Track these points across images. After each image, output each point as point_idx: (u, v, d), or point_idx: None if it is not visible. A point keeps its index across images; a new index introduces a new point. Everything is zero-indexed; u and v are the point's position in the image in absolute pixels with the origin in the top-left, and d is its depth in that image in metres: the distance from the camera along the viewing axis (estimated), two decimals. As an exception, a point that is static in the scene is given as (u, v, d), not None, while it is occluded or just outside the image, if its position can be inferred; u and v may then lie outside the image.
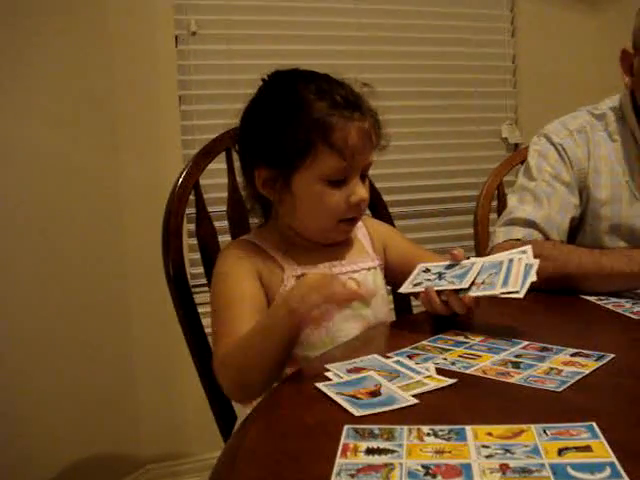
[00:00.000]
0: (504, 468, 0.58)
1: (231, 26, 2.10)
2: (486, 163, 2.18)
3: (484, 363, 0.86)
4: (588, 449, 0.60)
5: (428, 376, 0.81)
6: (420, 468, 0.58)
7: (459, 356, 0.89)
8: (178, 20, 2.04)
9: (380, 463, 0.60)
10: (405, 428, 0.66)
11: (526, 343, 0.93)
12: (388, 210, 1.44)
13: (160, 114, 1.99)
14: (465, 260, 1.05)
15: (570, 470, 0.57)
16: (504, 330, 0.99)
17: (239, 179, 1.24)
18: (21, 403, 1.70)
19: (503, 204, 1.58)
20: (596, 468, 0.57)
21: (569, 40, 2.47)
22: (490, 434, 0.64)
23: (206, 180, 1.30)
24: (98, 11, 1.88)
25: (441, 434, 0.65)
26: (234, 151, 1.17)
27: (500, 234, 1.34)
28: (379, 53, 2.26)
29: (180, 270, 1.22)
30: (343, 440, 0.64)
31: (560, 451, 0.60)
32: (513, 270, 1.00)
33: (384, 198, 1.45)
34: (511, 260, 1.02)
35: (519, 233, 1.32)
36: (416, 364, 0.85)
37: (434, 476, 0.57)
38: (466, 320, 1.02)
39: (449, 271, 1.05)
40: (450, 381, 0.79)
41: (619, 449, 0.60)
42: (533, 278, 0.98)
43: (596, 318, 1.10)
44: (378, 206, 1.41)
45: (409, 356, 0.89)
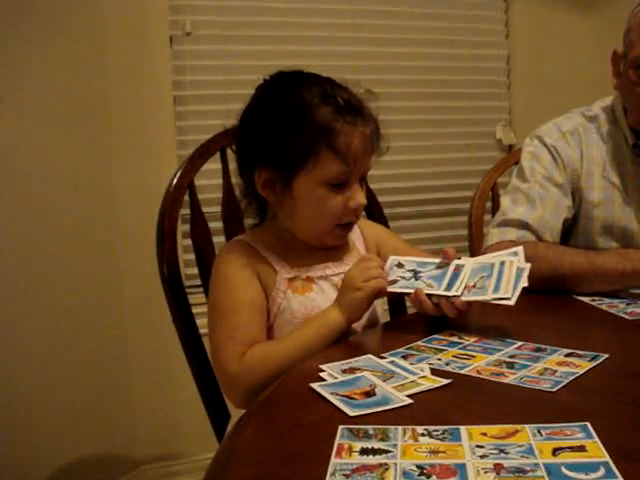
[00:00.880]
0: (498, 468, 0.58)
1: (226, 27, 2.10)
2: (480, 164, 2.19)
3: (478, 363, 0.86)
4: (582, 449, 0.60)
5: (423, 376, 0.81)
6: (415, 468, 0.58)
7: (453, 356, 0.89)
8: (173, 20, 2.03)
9: (375, 463, 0.60)
10: (400, 428, 0.66)
11: (520, 343, 0.94)
12: (382, 211, 1.44)
13: (155, 115, 1.99)
14: (456, 260, 1.05)
15: (564, 470, 0.57)
16: (498, 330, 0.99)
17: (234, 180, 1.24)
18: (15, 404, 1.70)
19: (497, 205, 1.58)
20: (590, 468, 0.57)
21: (563, 42, 2.47)
22: (484, 434, 0.64)
23: (201, 181, 1.30)
24: (93, 12, 1.87)
25: (435, 434, 0.65)
26: (231, 151, 1.17)
27: (494, 235, 1.34)
28: (373, 54, 2.27)
29: (174, 271, 1.21)
30: (338, 440, 0.64)
31: (554, 451, 0.60)
32: (504, 274, 1.00)
33: (378, 199, 1.45)
34: (502, 263, 1.02)
35: (513, 234, 1.32)
36: (410, 364, 0.85)
37: (429, 476, 0.57)
38: (460, 321, 1.02)
39: (425, 269, 1.05)
40: (444, 381, 0.79)
41: (613, 449, 0.60)
42: (524, 284, 0.98)
43: (590, 318, 1.11)
44: (372, 207, 1.41)
45: (404, 356, 0.89)
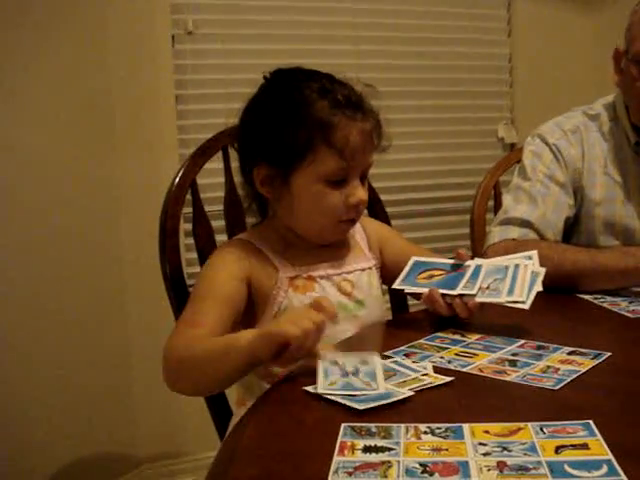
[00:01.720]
0: (501, 466, 0.58)
1: (228, 25, 2.10)
2: (482, 163, 2.18)
3: (481, 361, 0.86)
4: (585, 447, 0.60)
5: (425, 374, 0.81)
6: (417, 466, 0.58)
7: (456, 354, 0.89)
8: (175, 19, 2.03)
9: (377, 461, 0.60)
10: (402, 426, 0.66)
11: (523, 341, 0.94)
12: (385, 209, 1.44)
13: (157, 113, 1.99)
14: (469, 261, 1.05)
15: (567, 468, 0.57)
16: (501, 328, 0.99)
17: (236, 178, 1.24)
18: (16, 403, 1.70)
19: (500, 203, 1.57)
20: (593, 466, 0.57)
21: (565, 40, 2.47)
22: (487, 432, 0.64)
23: (203, 179, 1.30)
24: (95, 11, 1.87)
25: (438, 432, 0.65)
26: (233, 149, 1.16)
27: (496, 234, 1.34)
28: (375, 53, 2.26)
29: (177, 269, 1.21)
30: (340, 438, 0.64)
31: (557, 449, 0.60)
32: (519, 277, 0.99)
33: (380, 197, 1.44)
34: (517, 266, 1.01)
35: (515, 233, 1.32)
36: (413, 362, 0.85)
37: (431, 474, 0.57)
38: (463, 319, 1.02)
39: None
40: (447, 379, 0.79)
41: (616, 447, 0.60)
42: (539, 288, 0.97)
43: (592, 317, 1.11)
44: (375, 205, 1.41)
45: (406, 354, 0.89)
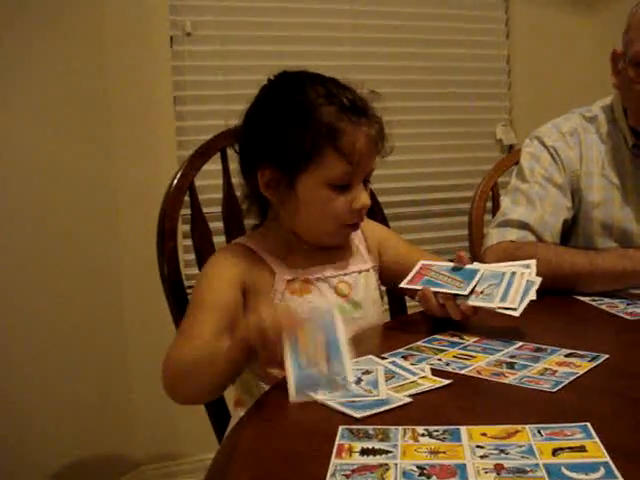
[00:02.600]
0: (499, 468, 0.58)
1: (226, 27, 2.10)
2: (481, 164, 2.18)
3: (479, 364, 0.86)
4: (582, 449, 0.61)
5: (423, 377, 0.81)
6: (415, 468, 0.59)
7: (454, 357, 0.89)
8: (173, 21, 2.03)
9: (375, 463, 0.60)
10: (400, 428, 0.66)
11: (520, 344, 0.94)
12: (383, 211, 1.44)
13: (155, 115, 1.99)
14: (469, 265, 1.05)
15: (565, 470, 0.57)
16: (498, 331, 0.99)
17: (234, 180, 1.24)
18: (15, 404, 1.70)
19: (498, 205, 1.58)
20: (590, 468, 0.57)
21: (563, 42, 2.47)
22: (485, 434, 0.64)
23: (201, 181, 1.30)
24: (93, 12, 1.87)
25: (436, 434, 0.65)
26: (233, 151, 1.16)
27: (494, 235, 1.34)
28: (373, 54, 2.26)
29: (175, 271, 1.22)
30: (338, 441, 0.64)
31: (554, 451, 0.60)
32: (514, 284, 0.99)
33: (378, 199, 1.44)
34: (513, 273, 1.01)
35: (513, 235, 1.32)
36: (411, 365, 0.85)
37: (429, 476, 0.57)
38: (461, 321, 1.01)
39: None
40: (445, 382, 0.79)
41: (613, 449, 0.60)
42: (532, 297, 0.97)
43: (590, 319, 1.11)
44: (373, 207, 1.40)
45: (404, 357, 0.89)
